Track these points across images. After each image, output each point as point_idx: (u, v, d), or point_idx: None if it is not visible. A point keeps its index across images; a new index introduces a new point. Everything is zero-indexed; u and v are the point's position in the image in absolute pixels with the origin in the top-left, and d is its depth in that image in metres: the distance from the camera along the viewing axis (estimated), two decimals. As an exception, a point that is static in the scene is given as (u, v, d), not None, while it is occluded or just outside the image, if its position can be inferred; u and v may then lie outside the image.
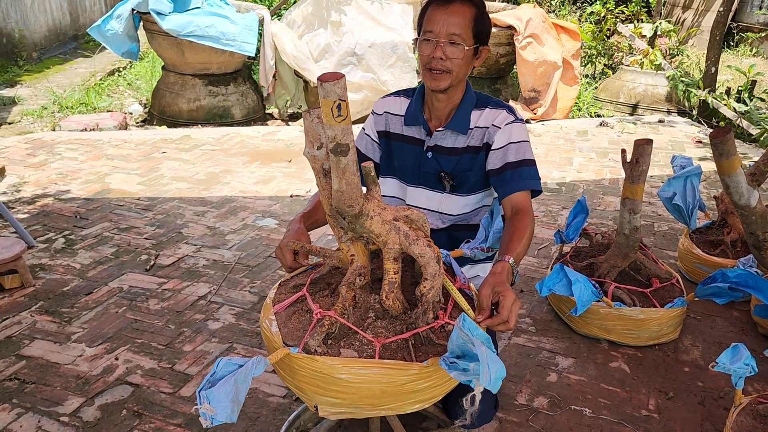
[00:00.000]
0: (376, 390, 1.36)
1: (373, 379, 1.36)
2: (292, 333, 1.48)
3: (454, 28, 1.76)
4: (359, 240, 1.50)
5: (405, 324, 1.48)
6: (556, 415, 2.21)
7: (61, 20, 8.47)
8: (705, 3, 9.85)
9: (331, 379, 1.36)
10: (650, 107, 6.90)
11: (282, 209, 3.94)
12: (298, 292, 1.60)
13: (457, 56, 1.78)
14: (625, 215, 2.56)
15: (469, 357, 1.29)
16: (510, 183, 1.84)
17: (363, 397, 1.38)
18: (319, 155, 1.39)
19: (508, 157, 1.85)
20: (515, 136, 1.87)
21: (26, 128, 5.57)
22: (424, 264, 1.44)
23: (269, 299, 1.62)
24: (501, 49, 6.10)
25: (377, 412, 1.41)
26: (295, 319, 1.52)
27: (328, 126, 1.25)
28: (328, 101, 1.22)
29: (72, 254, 3.25)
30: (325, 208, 1.45)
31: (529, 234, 1.74)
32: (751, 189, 2.37)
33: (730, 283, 2.22)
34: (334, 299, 1.56)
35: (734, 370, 1.79)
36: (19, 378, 2.31)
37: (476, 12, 1.79)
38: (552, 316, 2.84)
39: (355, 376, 1.35)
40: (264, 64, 5.84)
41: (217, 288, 2.98)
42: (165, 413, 2.16)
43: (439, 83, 1.81)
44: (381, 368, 1.36)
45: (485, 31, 1.83)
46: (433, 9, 1.80)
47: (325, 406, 1.41)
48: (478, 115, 1.90)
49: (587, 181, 4.66)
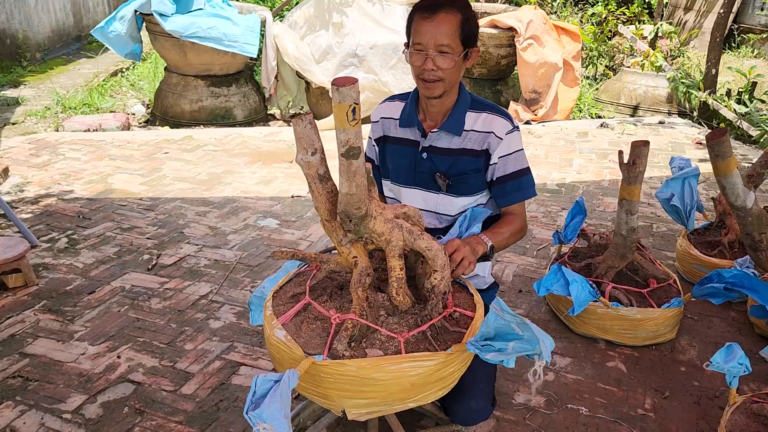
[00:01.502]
0: (406, 384, 1.41)
1: (402, 374, 1.40)
2: (308, 342, 1.47)
3: (442, 39, 1.76)
4: (359, 241, 1.52)
5: (416, 317, 1.53)
6: (553, 413, 2.23)
7: (64, 21, 8.51)
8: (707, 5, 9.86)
9: (361, 381, 1.39)
10: (651, 109, 6.91)
11: (283, 209, 3.97)
12: (298, 302, 1.60)
13: (448, 65, 1.80)
14: (622, 216, 2.58)
15: (503, 337, 1.37)
16: (512, 194, 1.95)
17: (393, 393, 1.42)
18: (313, 161, 1.39)
19: (509, 168, 1.93)
20: (514, 146, 1.94)
21: (30, 129, 5.61)
22: (432, 257, 1.50)
23: (269, 311, 1.60)
24: (502, 50, 6.12)
25: (405, 405, 1.46)
26: (306, 327, 1.52)
27: (342, 130, 1.27)
28: (343, 105, 1.24)
29: (75, 254, 3.28)
30: (322, 213, 1.46)
31: (514, 231, 1.92)
32: (747, 190, 2.39)
33: (725, 283, 2.24)
34: (336, 303, 1.58)
35: (728, 369, 1.81)
36: (23, 376, 2.34)
37: (462, 18, 1.79)
38: (550, 316, 2.86)
39: (386, 373, 1.39)
40: (266, 66, 5.88)
41: (218, 287, 3.00)
42: (166, 411, 2.19)
43: (433, 91, 1.84)
44: (410, 362, 1.41)
45: (473, 34, 1.84)
46: (419, 21, 1.80)
47: (353, 408, 1.43)
48: (474, 118, 1.92)
49: (587, 182, 4.68)
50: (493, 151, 1.91)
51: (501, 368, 2.45)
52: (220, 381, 2.35)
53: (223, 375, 2.38)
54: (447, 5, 1.78)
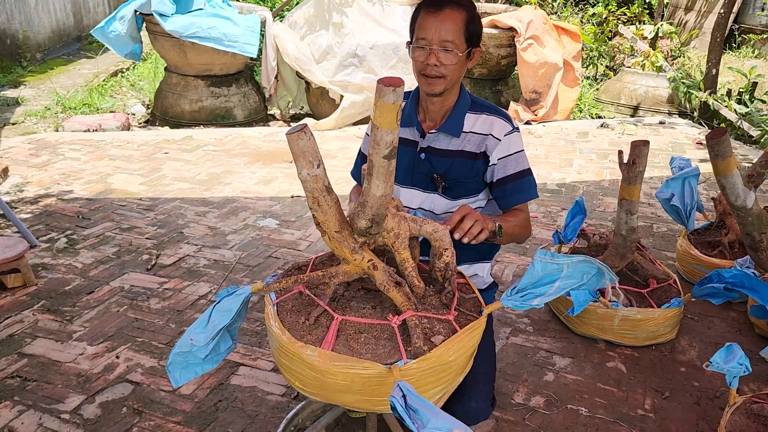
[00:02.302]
0: (467, 356, 1.50)
1: (465, 349, 1.48)
2: (373, 352, 1.41)
3: (447, 35, 1.77)
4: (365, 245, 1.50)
5: (435, 298, 1.58)
6: (553, 414, 2.23)
7: (64, 21, 8.51)
8: (707, 5, 9.85)
9: (441, 368, 1.42)
10: (651, 109, 6.91)
11: (283, 210, 3.96)
12: (326, 324, 1.48)
13: (451, 62, 1.79)
14: (622, 216, 2.57)
15: (543, 283, 1.47)
16: (513, 196, 1.94)
17: (457, 369, 1.48)
18: (319, 173, 1.32)
19: (509, 170, 1.92)
20: (513, 147, 1.92)
21: (30, 129, 5.60)
22: (440, 238, 1.55)
23: (308, 351, 1.41)
24: (502, 50, 6.12)
25: (463, 376, 1.53)
26: (356, 343, 1.44)
27: (388, 131, 1.25)
28: (395, 106, 1.22)
29: (74, 254, 3.28)
30: (331, 226, 1.40)
31: (520, 224, 1.91)
32: (747, 190, 2.39)
33: (725, 283, 2.23)
34: (355, 308, 1.54)
35: (728, 369, 1.80)
36: (21, 376, 2.33)
37: (467, 16, 1.80)
38: (550, 316, 2.85)
39: (457, 353, 1.44)
40: (266, 66, 5.87)
41: (217, 288, 3.00)
42: (165, 411, 2.18)
43: (434, 87, 1.84)
44: (468, 335, 1.48)
45: (477, 33, 1.84)
46: (424, 16, 1.80)
47: (433, 396, 1.45)
48: (473, 120, 1.91)
49: (587, 182, 4.68)
50: (492, 153, 1.90)
51: (501, 368, 2.45)
52: (218, 381, 2.34)
53: (221, 375, 2.38)
54: (453, 2, 1.78)
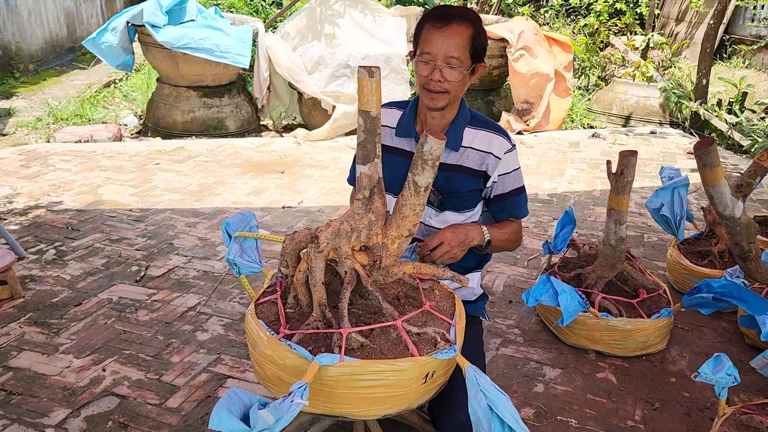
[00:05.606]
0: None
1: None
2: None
3: (452, 51, 1.74)
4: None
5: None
6: (542, 425, 2.21)
7: (57, 32, 8.51)
8: (698, 16, 9.93)
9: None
10: (643, 119, 6.94)
11: (274, 220, 3.95)
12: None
13: (455, 78, 1.77)
14: (611, 226, 2.57)
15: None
16: (509, 211, 1.99)
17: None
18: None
19: (507, 186, 1.95)
20: (512, 165, 1.94)
21: (21, 140, 5.58)
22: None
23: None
24: (494, 61, 6.14)
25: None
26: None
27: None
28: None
29: (62, 265, 3.25)
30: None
31: (510, 233, 1.97)
32: (735, 200, 2.39)
33: (714, 293, 2.24)
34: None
35: (716, 380, 1.80)
36: (6, 389, 2.31)
37: (473, 31, 1.77)
38: (540, 327, 2.84)
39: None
40: (258, 76, 5.88)
41: (206, 299, 2.98)
42: (150, 425, 2.16)
43: (437, 102, 1.81)
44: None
45: (482, 49, 1.82)
46: (430, 30, 1.77)
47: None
48: (472, 135, 1.90)
49: (578, 192, 4.69)
50: (492, 172, 1.90)
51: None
52: (206, 394, 2.32)
53: (209, 388, 2.36)
54: (460, 17, 1.76)
